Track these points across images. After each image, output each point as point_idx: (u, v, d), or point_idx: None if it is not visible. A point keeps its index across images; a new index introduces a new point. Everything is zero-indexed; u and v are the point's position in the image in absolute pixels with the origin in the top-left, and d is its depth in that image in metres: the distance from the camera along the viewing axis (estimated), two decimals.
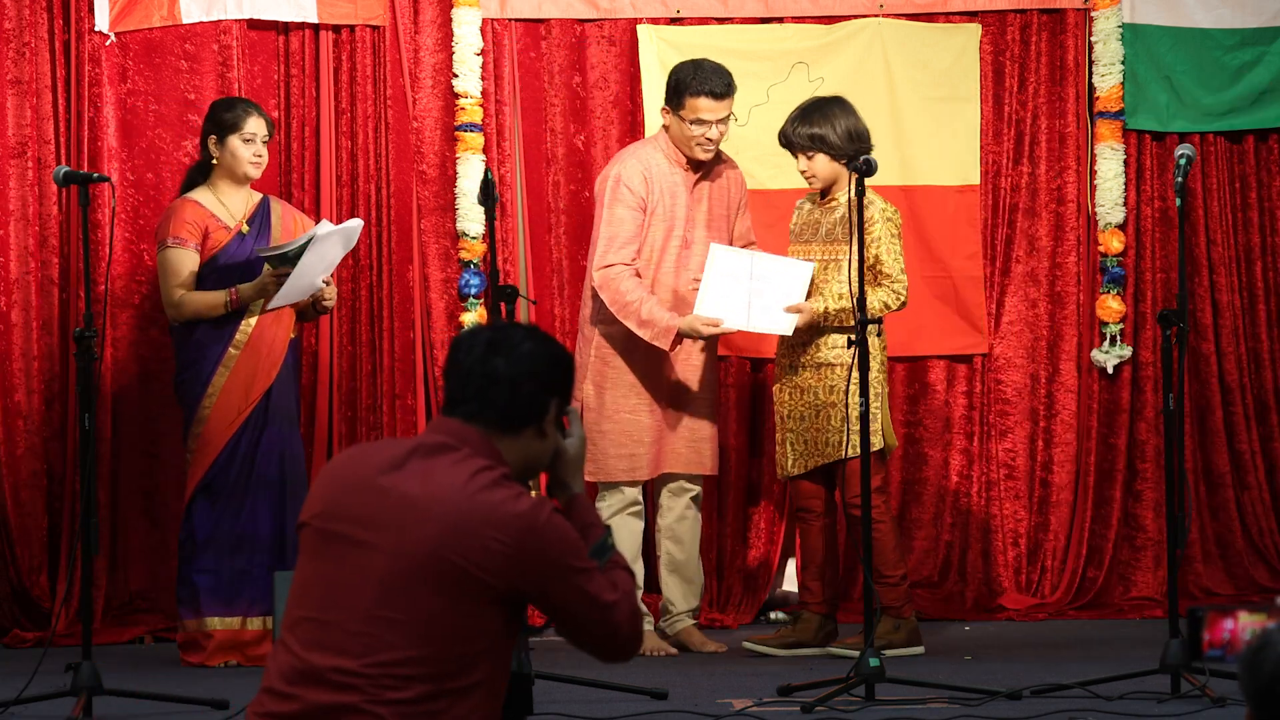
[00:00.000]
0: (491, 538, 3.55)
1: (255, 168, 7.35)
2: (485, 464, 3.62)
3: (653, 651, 7.44)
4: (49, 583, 8.00)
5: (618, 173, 7.48)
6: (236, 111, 7.33)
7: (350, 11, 8.24)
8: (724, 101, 7.41)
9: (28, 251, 8.04)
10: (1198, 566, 8.54)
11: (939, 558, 8.53)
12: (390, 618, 3.53)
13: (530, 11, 8.44)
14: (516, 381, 3.68)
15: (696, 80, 7.39)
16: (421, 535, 3.55)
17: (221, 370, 7.23)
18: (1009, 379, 8.56)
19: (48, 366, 8.06)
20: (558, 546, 3.61)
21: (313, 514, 3.69)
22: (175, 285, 7.27)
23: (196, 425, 7.26)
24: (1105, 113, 8.54)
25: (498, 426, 3.68)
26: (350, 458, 3.72)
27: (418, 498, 3.58)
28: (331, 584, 3.60)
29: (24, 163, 8.04)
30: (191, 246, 7.25)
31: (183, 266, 7.25)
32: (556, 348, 3.77)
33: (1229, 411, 8.61)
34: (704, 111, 7.38)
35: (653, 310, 7.32)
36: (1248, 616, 3.45)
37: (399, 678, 3.52)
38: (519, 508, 3.58)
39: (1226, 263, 8.61)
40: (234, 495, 7.25)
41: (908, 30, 8.54)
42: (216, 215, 7.30)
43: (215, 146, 7.33)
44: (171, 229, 7.27)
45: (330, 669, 3.53)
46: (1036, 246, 8.57)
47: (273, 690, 3.60)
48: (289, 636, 3.62)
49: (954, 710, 6.04)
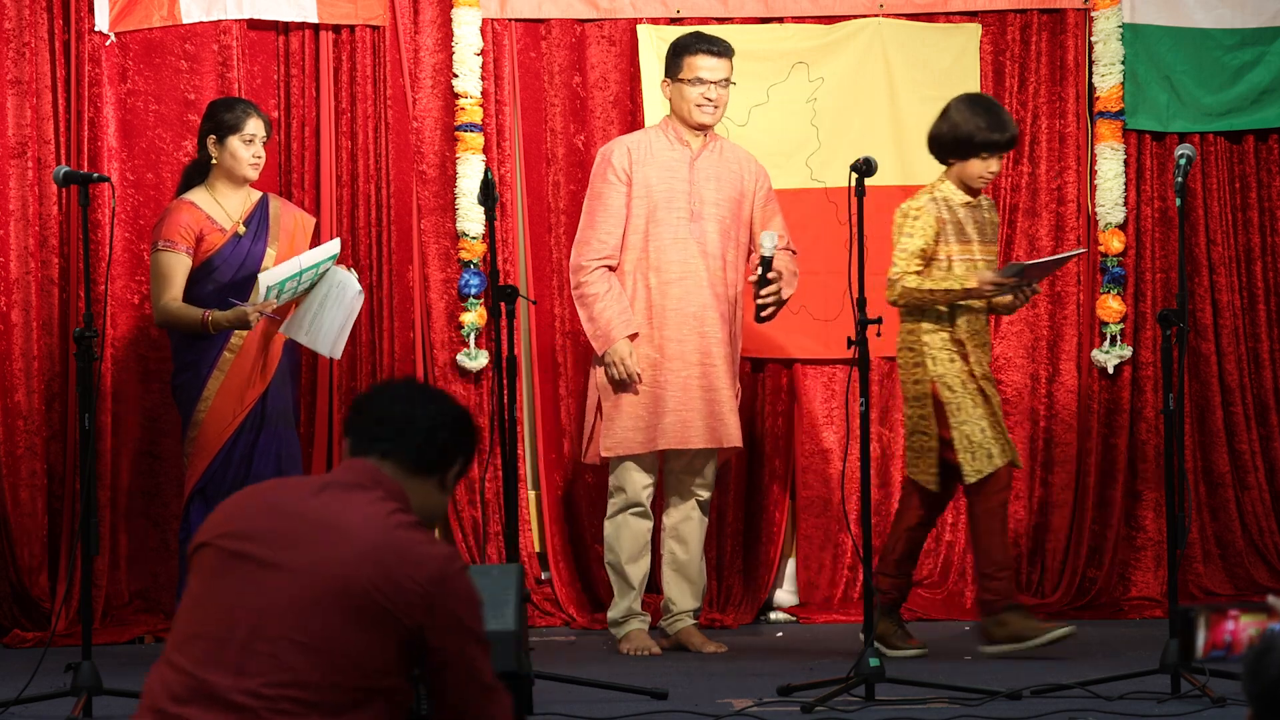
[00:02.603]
0: (407, 575, 3.55)
1: (254, 169, 7.34)
2: (399, 506, 3.66)
3: (635, 651, 7.43)
4: (49, 583, 8.00)
5: (604, 153, 7.57)
6: (237, 112, 7.32)
7: (350, 11, 8.24)
8: (723, 61, 7.47)
9: (28, 251, 8.04)
10: (1198, 566, 8.54)
11: (939, 558, 8.53)
12: (295, 640, 3.51)
13: (530, 11, 8.44)
14: (433, 428, 3.76)
15: (696, 42, 7.51)
16: (337, 558, 3.55)
17: (216, 374, 7.21)
18: (1009, 379, 8.56)
19: (48, 366, 8.06)
20: (467, 603, 3.64)
21: (216, 535, 3.66)
22: (161, 290, 7.25)
23: (192, 429, 7.24)
24: (1105, 113, 8.54)
25: (409, 467, 3.73)
26: (262, 486, 3.77)
27: (336, 523, 3.59)
28: (232, 604, 3.56)
29: (24, 163, 8.04)
30: (183, 250, 7.23)
31: (171, 271, 7.23)
32: (471, 417, 3.84)
33: (1229, 412, 8.61)
34: (702, 70, 7.44)
35: (606, 311, 7.43)
36: (1247, 617, 3.45)
37: (297, 702, 3.48)
38: (435, 552, 3.60)
39: (1226, 263, 8.61)
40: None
41: (908, 30, 8.55)
42: (212, 217, 7.29)
43: (214, 146, 7.32)
44: (164, 232, 7.25)
45: (229, 688, 3.49)
46: (1037, 246, 8.57)
47: (161, 711, 3.54)
48: (178, 655, 3.57)
49: (954, 710, 6.04)
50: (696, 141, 7.55)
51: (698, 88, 7.45)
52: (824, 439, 8.48)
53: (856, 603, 8.18)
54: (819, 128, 8.46)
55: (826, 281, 8.30)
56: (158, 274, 7.26)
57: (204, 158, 7.36)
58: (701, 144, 7.55)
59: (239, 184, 7.36)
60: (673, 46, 7.59)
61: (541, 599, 8.29)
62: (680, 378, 7.45)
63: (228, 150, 7.30)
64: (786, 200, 8.31)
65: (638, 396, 7.45)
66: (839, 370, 8.43)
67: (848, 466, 7.76)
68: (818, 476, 8.47)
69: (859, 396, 6.45)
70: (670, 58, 7.56)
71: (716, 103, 7.49)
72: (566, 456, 8.37)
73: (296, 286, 7.11)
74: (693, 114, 7.48)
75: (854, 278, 6.41)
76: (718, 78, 7.46)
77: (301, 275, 7.10)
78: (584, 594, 8.38)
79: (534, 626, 8.07)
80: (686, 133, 7.54)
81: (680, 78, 7.48)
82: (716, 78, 7.46)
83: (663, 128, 7.59)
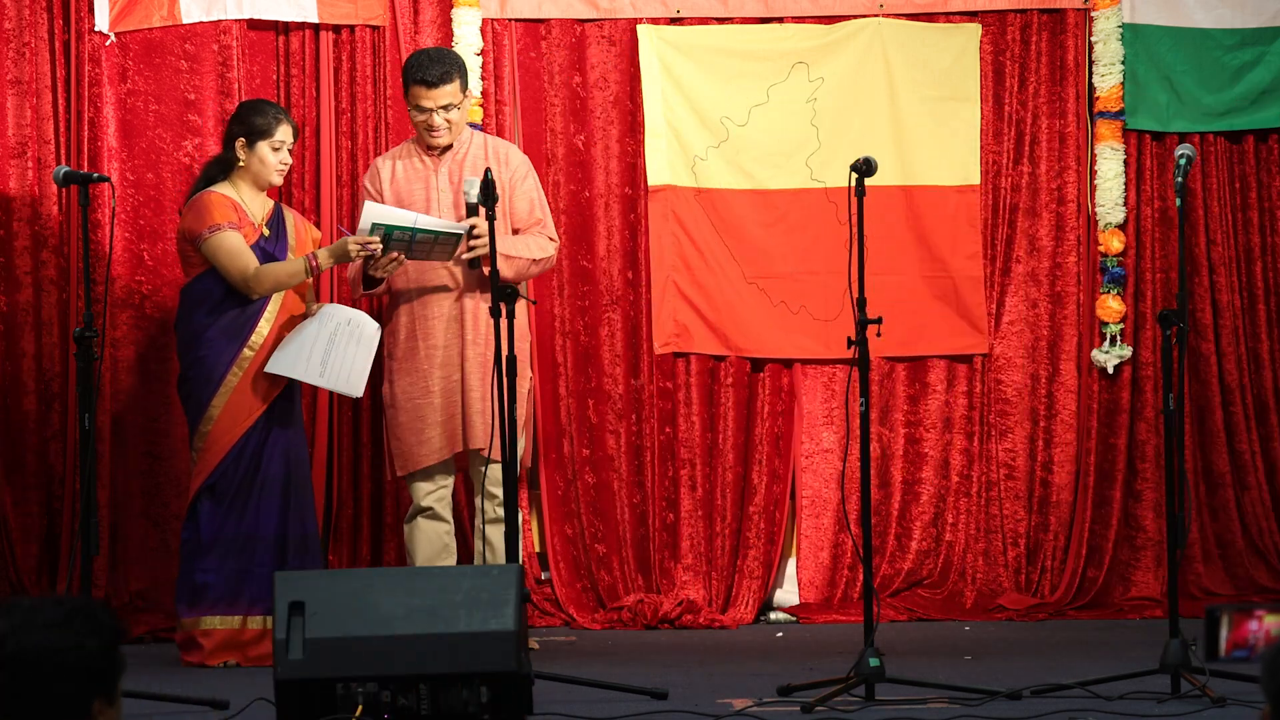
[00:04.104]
0: None
1: (280, 175, 7.33)
2: None
3: None
4: (49, 583, 8.00)
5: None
6: (269, 118, 7.28)
7: (350, 11, 8.24)
8: (437, 90, 7.38)
9: (28, 251, 8.04)
10: (1198, 566, 8.54)
11: (939, 558, 8.53)
12: None
13: (530, 11, 8.44)
14: None
15: (413, 69, 7.43)
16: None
17: (235, 370, 7.20)
18: (1009, 379, 8.57)
19: (48, 366, 8.06)
20: None
21: None
22: (242, 263, 7.18)
23: (205, 424, 7.22)
24: (1105, 113, 8.54)
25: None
26: None
27: None
28: None
29: (24, 163, 8.04)
30: (230, 228, 7.18)
31: (237, 245, 7.15)
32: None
33: (1229, 412, 8.61)
34: (422, 99, 7.39)
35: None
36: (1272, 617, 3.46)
37: None
38: None
39: (1226, 263, 8.61)
40: (239, 496, 7.24)
41: (908, 30, 8.54)
42: (243, 210, 7.27)
43: (243, 150, 7.27)
44: (210, 219, 7.16)
45: None
46: (1037, 246, 8.57)
47: None
48: None
49: (954, 710, 6.03)
50: (440, 154, 7.50)
51: (421, 114, 7.42)
52: (824, 439, 8.48)
53: (856, 603, 8.18)
54: (819, 128, 8.46)
55: (826, 281, 8.30)
56: (227, 251, 7.16)
57: (228, 157, 7.32)
58: (447, 154, 7.50)
59: (262, 188, 7.35)
60: (404, 67, 7.54)
61: (541, 599, 8.30)
62: (449, 384, 7.42)
63: (256, 155, 7.28)
64: (786, 200, 8.32)
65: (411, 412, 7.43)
66: (839, 370, 8.43)
67: (848, 466, 7.77)
68: (818, 476, 8.47)
69: (859, 396, 6.45)
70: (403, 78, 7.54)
71: (439, 130, 7.42)
72: (566, 456, 8.37)
73: (407, 241, 7.09)
74: (423, 138, 7.46)
75: (854, 278, 6.41)
76: (436, 105, 7.41)
77: (416, 234, 7.09)
78: (584, 594, 8.38)
79: (534, 626, 8.07)
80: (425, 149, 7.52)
81: (408, 100, 7.46)
82: (435, 105, 7.41)
83: (414, 141, 7.54)
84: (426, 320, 7.42)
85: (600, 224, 8.43)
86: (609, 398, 8.41)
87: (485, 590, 5.48)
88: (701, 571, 8.36)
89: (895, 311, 7.49)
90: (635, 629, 8.20)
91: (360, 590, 5.51)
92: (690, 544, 8.36)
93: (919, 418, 8.55)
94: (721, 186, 8.43)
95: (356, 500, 8.24)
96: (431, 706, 5.39)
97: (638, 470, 8.42)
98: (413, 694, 5.38)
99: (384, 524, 8.24)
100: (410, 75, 7.43)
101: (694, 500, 8.39)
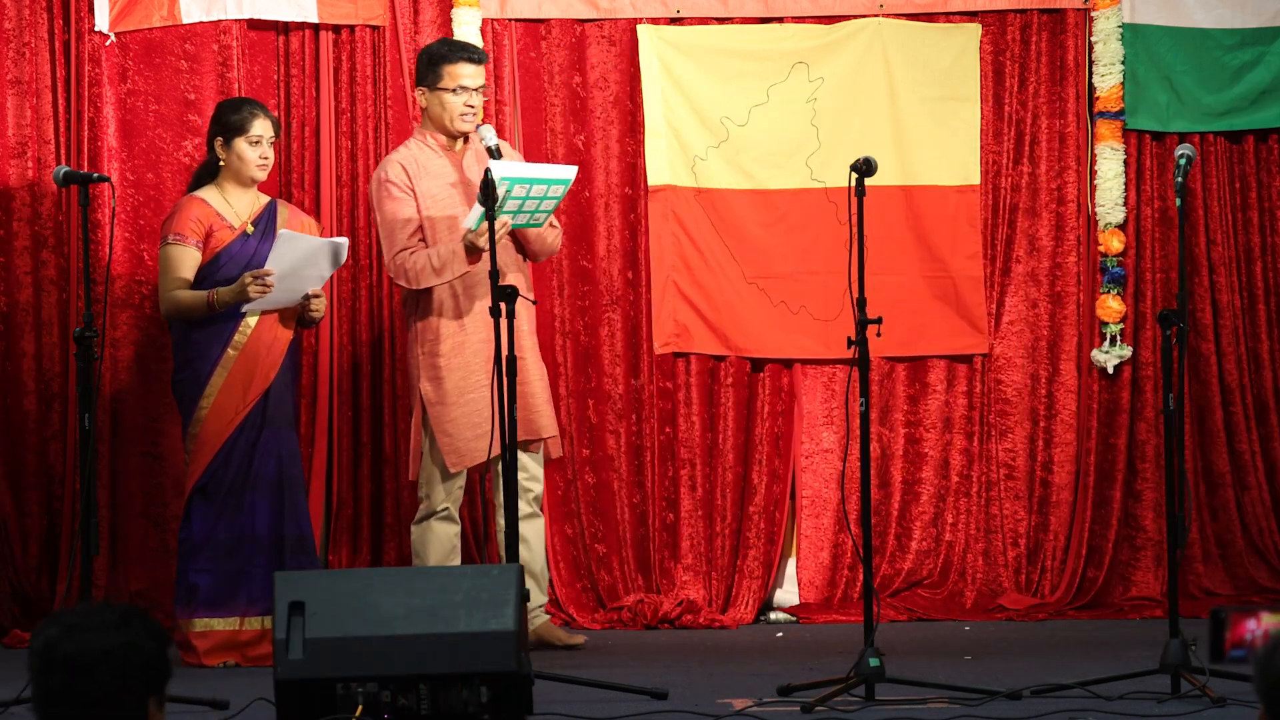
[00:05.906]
0: None
1: (261, 170, 7.34)
2: None
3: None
4: (49, 583, 8.00)
5: (378, 175, 7.49)
6: (243, 114, 7.31)
7: (350, 11, 8.24)
8: (481, 68, 7.45)
9: (28, 251, 8.04)
10: (1198, 566, 8.54)
11: (939, 558, 8.53)
12: None
13: (530, 11, 8.44)
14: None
15: (453, 50, 7.46)
16: None
17: (219, 371, 7.22)
18: (1009, 379, 8.57)
19: (48, 366, 8.06)
20: None
21: None
22: (169, 281, 7.26)
23: (194, 425, 7.25)
24: (1105, 113, 8.54)
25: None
26: None
27: None
28: None
29: (24, 163, 8.04)
30: (192, 244, 7.24)
31: (180, 263, 7.24)
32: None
33: (1229, 411, 8.61)
34: (464, 78, 7.40)
35: (437, 252, 7.31)
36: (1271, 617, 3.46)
37: None
38: None
39: (1226, 263, 8.61)
40: (231, 496, 7.24)
41: (908, 30, 8.54)
42: (222, 214, 7.29)
43: (221, 149, 7.30)
44: (174, 225, 7.26)
45: None
46: (1036, 246, 8.57)
47: None
48: None
49: (954, 710, 6.03)
50: (457, 145, 7.52)
51: (460, 95, 7.42)
52: (824, 439, 8.48)
53: (856, 603, 8.18)
54: (819, 128, 8.46)
55: (826, 281, 8.30)
56: (167, 265, 7.26)
57: (213, 159, 7.35)
58: (463, 146, 7.52)
59: (247, 185, 7.36)
60: (427, 54, 7.53)
61: None
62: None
63: (234, 152, 7.29)
64: (786, 200, 8.33)
65: (467, 407, 7.39)
66: (839, 370, 8.43)
67: (848, 466, 7.77)
68: (818, 476, 8.47)
69: (859, 396, 6.44)
70: (425, 66, 7.51)
71: (477, 109, 7.46)
72: (566, 456, 8.37)
73: (523, 198, 7.08)
74: (455, 123, 7.46)
75: (854, 278, 6.41)
76: (478, 84, 7.44)
77: (533, 186, 7.08)
78: (584, 594, 8.38)
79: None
80: (445, 139, 7.50)
81: (441, 86, 7.45)
82: (477, 84, 7.44)
83: (421, 138, 7.54)
84: (472, 314, 7.40)
85: (600, 224, 8.43)
86: (609, 398, 8.41)
87: (485, 590, 5.48)
88: (701, 571, 8.37)
89: (895, 311, 7.49)
90: (635, 629, 8.20)
91: (360, 590, 5.50)
92: (690, 544, 8.36)
93: (919, 418, 8.55)
94: (721, 186, 8.43)
95: (356, 500, 8.24)
96: (431, 706, 5.38)
97: (638, 470, 8.42)
98: (413, 694, 5.38)
99: (384, 524, 8.24)
100: (452, 55, 7.43)
101: (694, 500, 8.39)
